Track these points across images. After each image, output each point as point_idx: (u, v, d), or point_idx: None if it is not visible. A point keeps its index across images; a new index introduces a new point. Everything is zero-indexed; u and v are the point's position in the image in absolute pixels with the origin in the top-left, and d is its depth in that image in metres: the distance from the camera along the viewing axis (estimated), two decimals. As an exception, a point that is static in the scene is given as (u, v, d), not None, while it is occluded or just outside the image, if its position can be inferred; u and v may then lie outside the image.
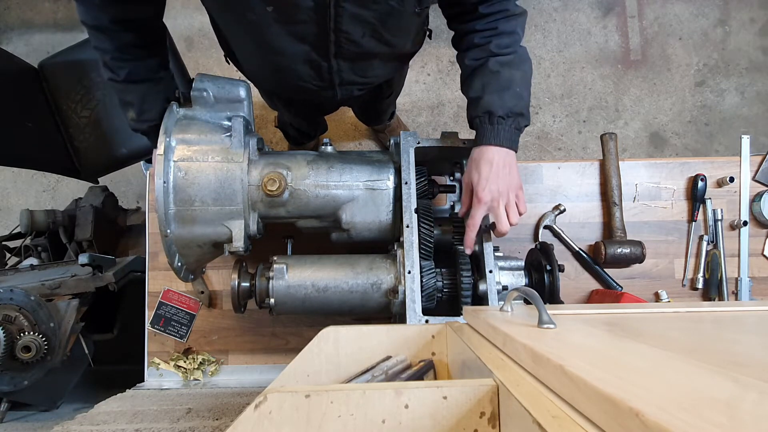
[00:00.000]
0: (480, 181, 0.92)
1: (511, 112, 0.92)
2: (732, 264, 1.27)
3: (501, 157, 0.92)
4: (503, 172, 0.92)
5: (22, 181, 2.40)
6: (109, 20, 0.90)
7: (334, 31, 0.89)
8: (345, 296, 1.00)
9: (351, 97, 1.12)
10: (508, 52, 0.94)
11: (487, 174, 0.92)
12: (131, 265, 1.33)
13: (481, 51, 0.95)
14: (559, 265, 0.99)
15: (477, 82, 0.94)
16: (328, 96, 1.08)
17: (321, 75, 1.01)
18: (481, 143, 0.93)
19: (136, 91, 0.98)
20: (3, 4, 2.51)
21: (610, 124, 2.34)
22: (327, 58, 0.96)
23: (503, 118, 0.91)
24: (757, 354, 0.42)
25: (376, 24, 0.90)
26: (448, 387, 0.46)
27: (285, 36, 0.90)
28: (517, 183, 0.95)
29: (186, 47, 2.43)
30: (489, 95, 0.92)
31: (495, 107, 0.91)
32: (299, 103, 1.33)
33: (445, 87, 2.36)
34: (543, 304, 0.54)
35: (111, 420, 0.94)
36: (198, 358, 1.26)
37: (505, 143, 0.92)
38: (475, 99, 0.95)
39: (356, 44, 0.93)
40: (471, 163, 0.96)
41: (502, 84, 0.92)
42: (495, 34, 0.94)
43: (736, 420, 0.25)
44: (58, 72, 1.73)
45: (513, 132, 0.93)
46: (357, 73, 1.04)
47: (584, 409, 0.33)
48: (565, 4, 2.43)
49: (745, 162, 1.29)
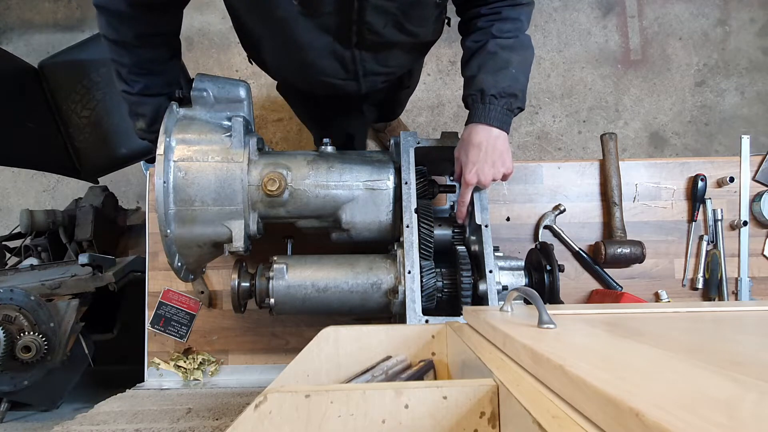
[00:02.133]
0: (467, 164, 0.94)
1: (504, 92, 0.91)
2: (732, 264, 1.27)
3: (491, 138, 0.92)
4: (491, 157, 0.93)
5: (22, 181, 2.40)
6: (134, 36, 0.91)
7: (357, 23, 0.90)
8: (345, 296, 1.00)
9: (375, 90, 1.12)
10: (509, 36, 0.94)
11: (474, 158, 0.93)
12: (131, 265, 1.33)
13: (482, 34, 0.95)
14: (559, 265, 0.99)
15: (474, 63, 0.95)
16: (353, 90, 1.08)
17: (345, 66, 1.01)
18: (472, 121, 0.94)
19: (150, 104, 1.00)
20: (3, 4, 2.51)
21: (610, 124, 2.34)
22: (349, 48, 0.96)
23: (495, 98, 0.91)
24: (757, 354, 0.42)
25: (399, 15, 0.91)
26: (448, 387, 0.46)
27: (310, 29, 0.91)
28: (507, 168, 0.96)
29: (186, 47, 2.42)
30: (483, 74, 0.92)
31: (487, 86, 0.91)
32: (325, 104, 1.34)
33: (445, 87, 2.36)
34: (543, 304, 0.54)
35: (111, 420, 0.94)
36: (198, 358, 1.26)
37: (494, 123, 0.92)
38: (469, 78, 0.95)
39: (378, 35, 0.94)
40: (461, 142, 0.97)
41: (498, 64, 0.92)
42: (498, 18, 0.94)
43: (736, 420, 0.25)
44: (58, 72, 1.73)
45: (505, 113, 0.92)
46: (380, 63, 1.04)
47: (584, 409, 0.33)
48: (565, 4, 2.43)
49: (745, 162, 1.29)
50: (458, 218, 1.04)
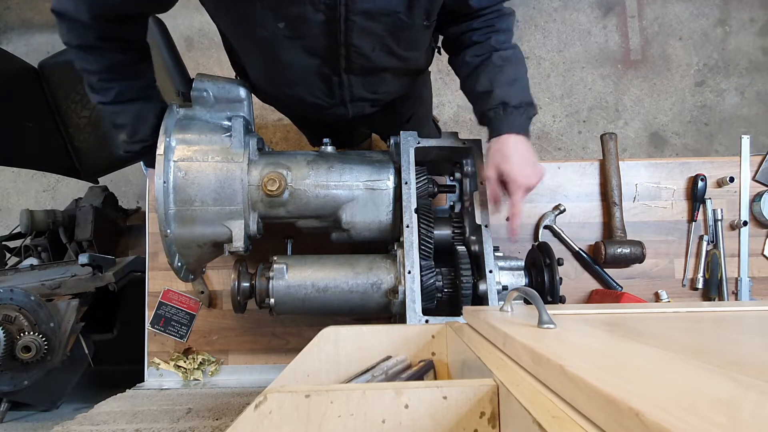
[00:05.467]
0: (513, 168, 0.92)
1: (523, 102, 0.94)
2: (732, 264, 1.27)
3: (521, 145, 0.93)
4: (528, 160, 0.94)
5: (22, 181, 2.40)
6: (95, 38, 0.87)
7: (345, 45, 0.89)
8: (345, 296, 1.00)
9: (363, 115, 1.11)
10: (507, 48, 0.96)
11: (519, 161, 0.93)
12: (131, 265, 1.33)
13: (481, 48, 0.96)
14: (558, 259, 0.99)
15: (483, 77, 0.95)
16: (340, 114, 1.08)
17: (332, 90, 1.01)
18: (500, 133, 0.94)
19: (127, 111, 0.96)
20: (3, 4, 2.51)
21: (610, 124, 2.34)
22: (338, 72, 0.96)
23: (516, 108, 0.93)
24: (757, 354, 0.42)
25: (386, 37, 0.90)
26: (448, 387, 0.46)
27: (296, 51, 0.91)
28: (542, 172, 0.96)
29: (186, 47, 2.43)
30: (499, 88, 0.93)
31: (508, 98, 0.93)
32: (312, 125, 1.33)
33: (445, 87, 2.36)
34: (543, 304, 0.54)
35: (111, 420, 0.94)
36: (198, 358, 1.26)
37: (521, 131, 0.94)
38: (484, 93, 0.95)
39: (367, 58, 0.93)
40: (495, 154, 0.95)
41: (510, 77, 0.94)
42: (492, 31, 0.96)
43: (736, 420, 0.25)
44: (58, 72, 1.73)
45: (525, 120, 0.95)
46: (368, 89, 1.03)
47: (584, 409, 0.33)
48: (565, 4, 2.43)
49: (745, 162, 1.29)
50: (512, 235, 0.96)
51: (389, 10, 0.85)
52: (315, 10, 0.82)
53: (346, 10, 0.83)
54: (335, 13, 0.83)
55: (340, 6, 0.82)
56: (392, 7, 0.85)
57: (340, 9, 0.82)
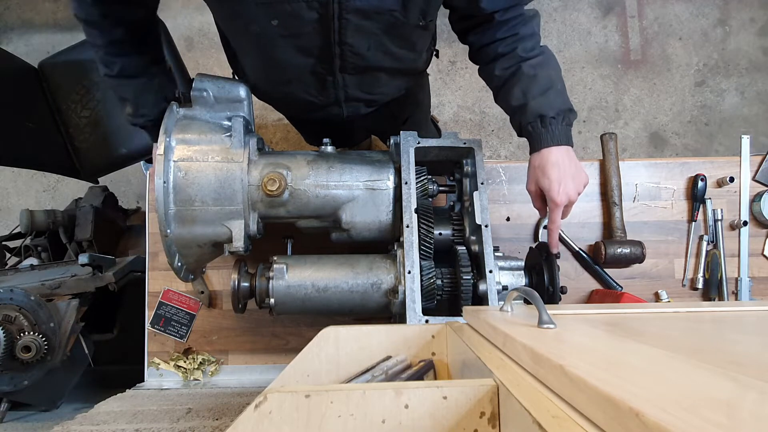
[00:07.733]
0: (552, 185, 0.91)
1: (561, 110, 0.92)
2: (732, 264, 1.27)
3: (564, 156, 0.92)
4: (570, 171, 0.92)
5: (22, 181, 2.40)
6: (100, 15, 0.90)
7: (339, 44, 0.89)
8: (345, 296, 1.00)
9: (358, 115, 1.11)
10: (536, 54, 0.94)
11: (558, 177, 0.91)
12: (131, 265, 1.33)
13: (509, 59, 0.94)
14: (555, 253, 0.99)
15: (516, 90, 0.93)
16: (335, 113, 1.08)
17: (326, 89, 1.00)
18: (541, 147, 0.92)
19: (130, 86, 0.99)
20: (3, 4, 2.51)
21: (610, 124, 2.34)
22: (332, 72, 0.96)
23: (555, 118, 0.91)
24: (757, 354, 0.42)
25: (381, 36, 0.90)
26: (448, 387, 0.46)
27: (290, 49, 0.91)
28: (585, 179, 0.95)
29: (186, 47, 2.43)
30: (534, 100, 0.91)
31: (545, 109, 0.91)
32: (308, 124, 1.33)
33: (445, 87, 2.36)
34: (543, 304, 0.54)
35: (111, 420, 0.94)
36: (198, 358, 1.26)
37: (562, 141, 0.92)
38: (520, 107, 0.93)
39: (361, 57, 0.93)
40: (535, 170, 0.94)
41: (544, 85, 0.92)
42: (517, 39, 0.93)
43: (736, 420, 0.25)
44: (58, 72, 1.73)
45: (566, 128, 0.93)
46: (363, 89, 1.03)
47: (584, 409, 0.33)
48: (565, 4, 2.43)
49: (745, 162, 1.29)
50: (552, 247, 0.96)
51: (383, 8, 0.85)
52: (308, 8, 0.82)
53: (340, 8, 0.83)
54: (328, 10, 0.83)
55: (334, 4, 0.82)
56: (386, 6, 0.84)
57: (334, 6, 0.82)
